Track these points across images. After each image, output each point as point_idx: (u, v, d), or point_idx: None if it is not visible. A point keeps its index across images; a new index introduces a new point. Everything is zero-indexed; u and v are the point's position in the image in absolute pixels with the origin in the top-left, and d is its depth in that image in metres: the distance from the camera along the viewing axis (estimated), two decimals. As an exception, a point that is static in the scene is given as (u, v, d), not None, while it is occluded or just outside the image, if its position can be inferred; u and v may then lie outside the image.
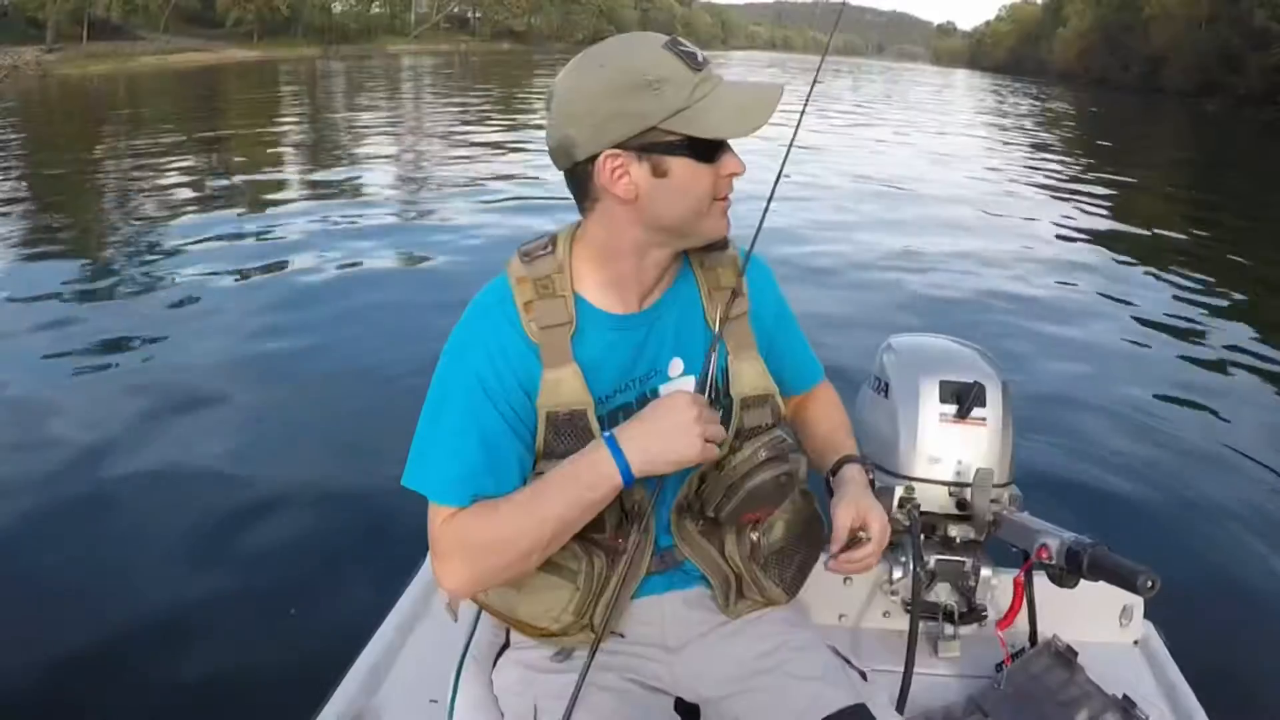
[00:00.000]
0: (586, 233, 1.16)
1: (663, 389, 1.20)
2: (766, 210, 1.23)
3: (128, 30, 41.88)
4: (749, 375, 1.23)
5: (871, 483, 1.31)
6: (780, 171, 1.27)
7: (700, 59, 1.07)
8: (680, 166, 1.07)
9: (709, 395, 1.17)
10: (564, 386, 1.13)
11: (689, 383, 1.20)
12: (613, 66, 1.07)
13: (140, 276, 6.49)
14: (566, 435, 1.13)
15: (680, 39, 1.09)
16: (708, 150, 1.08)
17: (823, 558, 1.31)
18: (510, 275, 1.17)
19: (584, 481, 1.07)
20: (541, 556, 1.10)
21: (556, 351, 1.13)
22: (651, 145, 1.06)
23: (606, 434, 1.09)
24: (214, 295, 5.95)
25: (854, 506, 1.23)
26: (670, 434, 1.06)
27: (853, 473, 1.29)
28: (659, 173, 1.07)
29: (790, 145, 1.31)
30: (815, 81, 1.61)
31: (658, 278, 1.19)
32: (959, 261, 7.46)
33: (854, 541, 1.22)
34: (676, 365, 1.21)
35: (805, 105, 1.45)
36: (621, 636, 1.25)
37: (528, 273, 1.16)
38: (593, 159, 1.07)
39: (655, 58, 1.06)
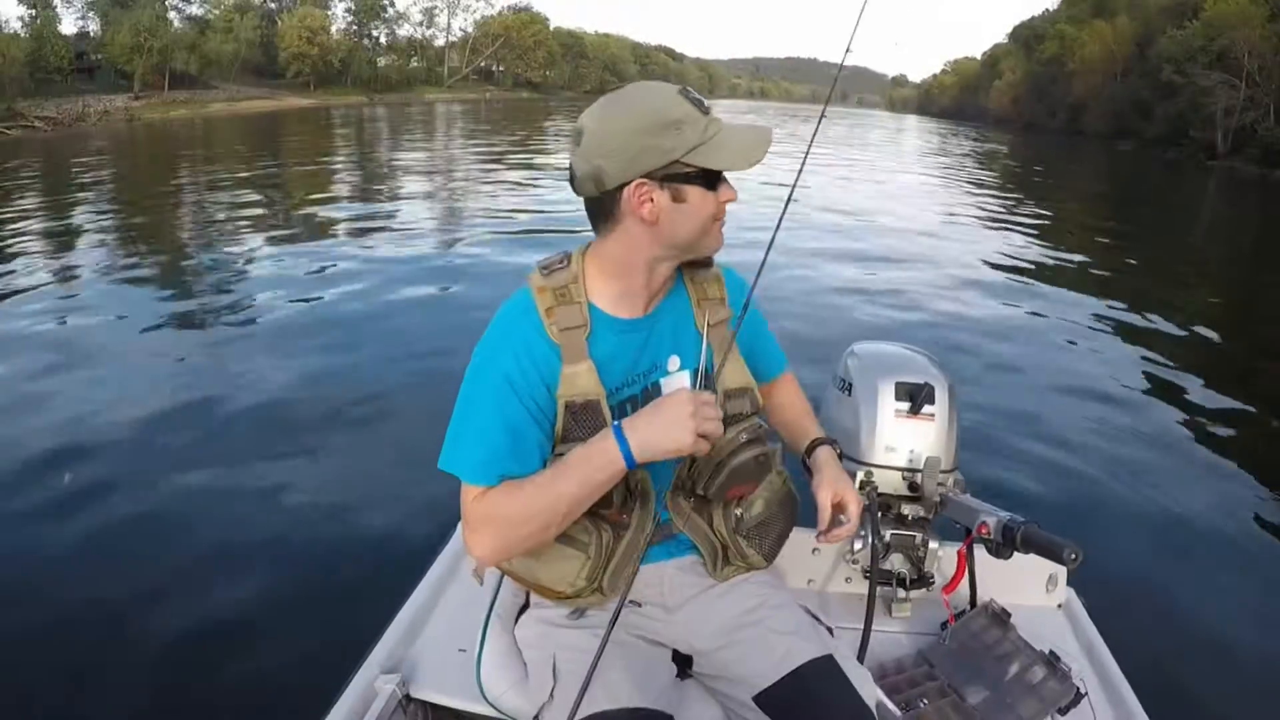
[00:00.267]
0: (603, 249, 1.16)
1: (663, 382, 1.21)
2: (771, 244, 1.28)
3: (202, 80, 41.89)
4: (731, 371, 1.24)
5: (840, 456, 1.33)
6: (783, 213, 1.31)
7: (706, 104, 1.10)
8: (694, 193, 1.09)
9: (699, 386, 1.18)
10: (580, 380, 1.13)
11: (685, 377, 1.21)
12: (641, 109, 1.08)
13: (210, 295, 6.45)
14: (582, 421, 1.13)
15: (688, 87, 1.11)
16: (713, 180, 1.10)
17: (797, 530, 1.33)
18: (532, 286, 1.17)
19: (594, 465, 1.07)
20: (559, 529, 1.10)
21: (574, 350, 1.13)
22: (673, 175, 1.08)
23: (614, 424, 1.09)
24: (272, 311, 5.91)
25: (832, 487, 1.26)
26: (667, 426, 1.06)
27: (826, 455, 1.31)
28: (678, 199, 1.09)
29: (793, 188, 1.34)
30: (819, 125, 1.63)
31: (660, 288, 1.19)
32: (912, 281, 7.46)
33: (834, 520, 1.25)
34: (674, 361, 1.22)
35: (806, 156, 1.47)
36: (638, 605, 1.26)
37: (547, 283, 1.16)
38: (620, 187, 1.08)
39: (673, 102, 1.08)
